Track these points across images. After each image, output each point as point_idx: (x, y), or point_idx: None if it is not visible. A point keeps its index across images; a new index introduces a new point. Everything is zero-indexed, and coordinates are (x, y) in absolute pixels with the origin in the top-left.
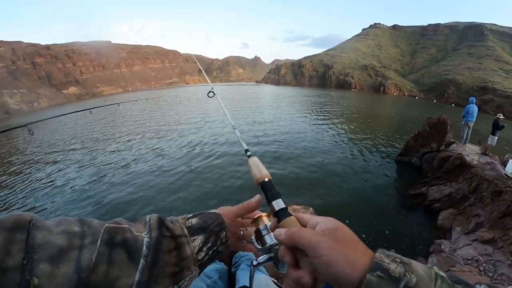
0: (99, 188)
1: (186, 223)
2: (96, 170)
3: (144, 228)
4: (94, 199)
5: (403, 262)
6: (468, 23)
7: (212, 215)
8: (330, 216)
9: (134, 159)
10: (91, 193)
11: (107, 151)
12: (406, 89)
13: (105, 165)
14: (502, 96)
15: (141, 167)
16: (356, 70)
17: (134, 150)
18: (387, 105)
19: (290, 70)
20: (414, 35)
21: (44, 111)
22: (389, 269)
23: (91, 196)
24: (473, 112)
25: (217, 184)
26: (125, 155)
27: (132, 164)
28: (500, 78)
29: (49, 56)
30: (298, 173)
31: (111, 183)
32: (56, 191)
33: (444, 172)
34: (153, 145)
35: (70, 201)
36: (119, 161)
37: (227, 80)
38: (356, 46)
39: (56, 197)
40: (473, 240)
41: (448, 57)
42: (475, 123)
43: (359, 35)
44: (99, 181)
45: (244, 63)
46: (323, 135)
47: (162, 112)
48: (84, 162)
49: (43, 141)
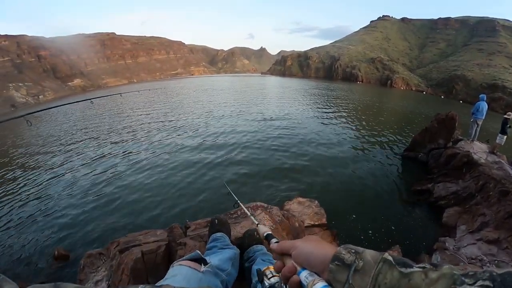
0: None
1: None
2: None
3: None
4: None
5: (357, 252)
6: (480, 17)
7: None
8: (334, 208)
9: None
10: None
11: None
12: (413, 83)
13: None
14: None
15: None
16: (363, 62)
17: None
18: (394, 100)
19: (296, 62)
20: (424, 28)
21: (50, 104)
22: (344, 258)
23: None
24: (483, 110)
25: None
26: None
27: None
28: (511, 76)
29: (53, 49)
30: (301, 165)
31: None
32: (56, 183)
33: (451, 169)
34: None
35: (71, 197)
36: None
37: (232, 71)
38: (364, 38)
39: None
40: (478, 240)
41: (458, 52)
42: (484, 121)
43: (367, 27)
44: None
45: (250, 54)
46: (330, 128)
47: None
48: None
49: (51, 131)
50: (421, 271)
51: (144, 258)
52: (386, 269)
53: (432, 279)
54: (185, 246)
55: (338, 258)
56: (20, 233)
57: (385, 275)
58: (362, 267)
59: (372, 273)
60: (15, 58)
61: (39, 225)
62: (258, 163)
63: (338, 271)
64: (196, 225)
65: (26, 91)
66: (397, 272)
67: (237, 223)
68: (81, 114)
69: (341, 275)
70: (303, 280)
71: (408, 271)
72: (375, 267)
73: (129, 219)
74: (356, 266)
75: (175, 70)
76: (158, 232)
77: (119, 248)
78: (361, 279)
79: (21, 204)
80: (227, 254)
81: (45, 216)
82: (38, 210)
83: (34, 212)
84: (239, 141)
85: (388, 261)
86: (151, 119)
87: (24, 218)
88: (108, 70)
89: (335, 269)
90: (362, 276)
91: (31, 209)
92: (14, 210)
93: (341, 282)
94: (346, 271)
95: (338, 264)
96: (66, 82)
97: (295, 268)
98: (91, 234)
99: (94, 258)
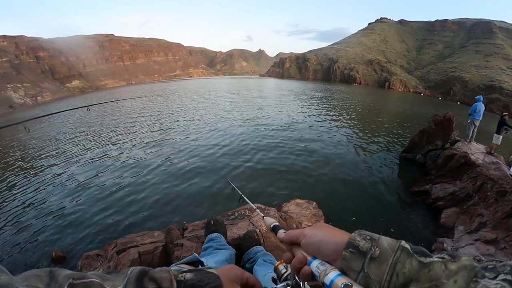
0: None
1: (178, 276)
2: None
3: (122, 281)
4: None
5: (372, 239)
6: (477, 19)
7: (210, 275)
8: (332, 210)
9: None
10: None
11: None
12: (411, 85)
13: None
14: (509, 96)
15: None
16: (361, 64)
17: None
18: (392, 101)
19: (295, 64)
20: (421, 30)
21: (48, 105)
22: (359, 245)
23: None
24: (480, 111)
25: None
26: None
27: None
28: (507, 77)
29: (52, 50)
30: (299, 165)
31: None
32: (57, 185)
33: (449, 170)
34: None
35: (73, 191)
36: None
37: (230, 73)
38: (362, 40)
39: (57, 190)
40: (476, 240)
41: (455, 54)
42: (481, 122)
43: (365, 29)
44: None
45: (248, 56)
46: (328, 129)
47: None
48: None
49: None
50: (441, 261)
51: (141, 259)
52: (404, 257)
53: (452, 270)
54: (182, 247)
55: (352, 245)
56: (18, 234)
57: (404, 264)
58: (378, 255)
59: (390, 261)
60: (13, 58)
61: (36, 226)
62: (256, 165)
63: (353, 259)
64: (193, 226)
65: (24, 92)
66: (416, 261)
67: (234, 224)
68: (78, 118)
69: (355, 263)
70: (314, 270)
71: (428, 260)
72: (392, 255)
73: (127, 221)
74: (372, 254)
75: (173, 72)
76: (155, 233)
77: (116, 249)
78: (378, 268)
79: (18, 205)
80: (223, 255)
81: (43, 218)
82: (35, 212)
83: (31, 214)
84: (237, 144)
85: (406, 249)
86: (150, 122)
87: (22, 219)
88: (107, 72)
89: (349, 257)
90: (378, 265)
91: (28, 211)
92: (12, 212)
93: (355, 270)
94: (361, 259)
95: (352, 251)
96: (65, 83)
97: (305, 258)
98: (88, 236)
99: (91, 259)
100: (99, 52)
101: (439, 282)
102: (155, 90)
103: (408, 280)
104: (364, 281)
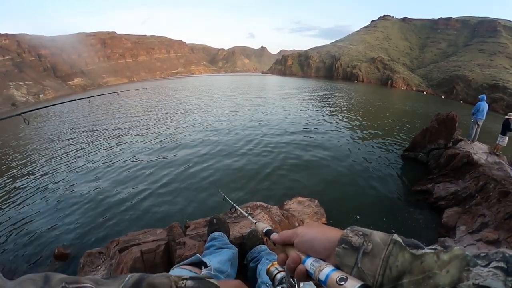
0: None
1: (179, 282)
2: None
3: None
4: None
5: (364, 234)
6: (481, 18)
7: (211, 285)
8: (334, 208)
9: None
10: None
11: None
12: (414, 83)
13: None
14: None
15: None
16: (363, 62)
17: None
18: (394, 100)
19: (297, 61)
20: (424, 28)
21: (50, 103)
22: (351, 241)
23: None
24: (483, 110)
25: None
26: None
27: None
28: (511, 76)
29: (54, 48)
30: (300, 164)
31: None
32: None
33: (451, 170)
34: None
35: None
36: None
37: (232, 70)
38: (365, 38)
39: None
40: (477, 240)
41: (459, 53)
42: (484, 121)
43: (368, 27)
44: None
45: (250, 53)
46: (330, 127)
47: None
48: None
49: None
50: (433, 252)
51: (143, 257)
52: (397, 251)
53: (444, 260)
54: (184, 246)
55: (345, 241)
56: (20, 231)
57: (396, 257)
58: (371, 250)
59: (382, 255)
60: (15, 57)
61: (39, 223)
62: (257, 163)
63: (346, 255)
64: (195, 224)
65: (27, 90)
66: (408, 254)
67: (236, 223)
68: (79, 112)
69: (349, 259)
70: (309, 268)
71: (420, 252)
72: (385, 249)
73: (130, 218)
74: (364, 249)
75: (175, 69)
76: (157, 231)
77: (118, 247)
78: (371, 263)
79: (20, 203)
80: (226, 255)
81: (45, 215)
82: (37, 209)
83: (33, 211)
84: (239, 141)
85: (398, 243)
86: (151, 119)
87: (24, 216)
88: (109, 69)
89: (342, 253)
90: (371, 259)
91: (30, 208)
92: (14, 209)
93: (349, 266)
94: (354, 254)
95: (345, 247)
96: (67, 81)
97: (299, 257)
98: (91, 233)
99: (93, 257)
100: (100, 50)
101: (431, 273)
102: (158, 86)
103: (401, 273)
104: (358, 275)
